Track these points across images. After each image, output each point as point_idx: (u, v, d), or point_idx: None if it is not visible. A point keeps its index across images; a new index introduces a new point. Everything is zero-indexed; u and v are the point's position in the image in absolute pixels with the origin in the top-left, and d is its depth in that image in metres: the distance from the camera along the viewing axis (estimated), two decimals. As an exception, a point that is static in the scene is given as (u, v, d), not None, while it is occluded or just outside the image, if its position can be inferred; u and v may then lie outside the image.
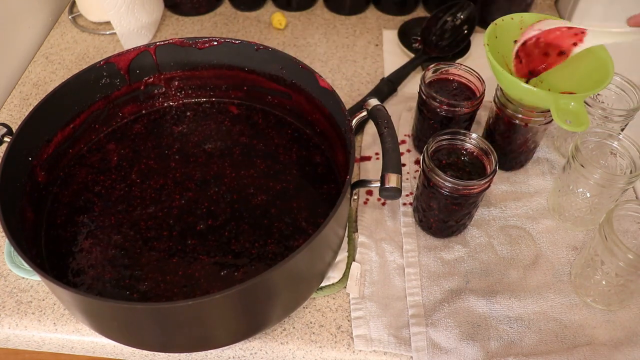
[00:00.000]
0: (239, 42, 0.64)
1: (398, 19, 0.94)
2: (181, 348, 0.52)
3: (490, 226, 0.64)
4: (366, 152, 0.72)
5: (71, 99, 0.61)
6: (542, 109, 0.61)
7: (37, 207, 0.57)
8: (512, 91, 0.61)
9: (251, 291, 0.45)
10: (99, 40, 0.90)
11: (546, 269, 0.61)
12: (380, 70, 0.85)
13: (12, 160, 0.53)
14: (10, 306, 0.58)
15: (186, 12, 0.95)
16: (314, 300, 0.59)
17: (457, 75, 0.67)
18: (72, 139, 0.63)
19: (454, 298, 0.58)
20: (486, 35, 0.61)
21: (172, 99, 0.70)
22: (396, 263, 0.61)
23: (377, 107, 0.55)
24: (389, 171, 0.50)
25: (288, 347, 0.56)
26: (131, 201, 0.61)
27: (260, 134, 0.68)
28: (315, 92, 0.62)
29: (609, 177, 0.56)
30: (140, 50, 0.64)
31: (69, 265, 0.55)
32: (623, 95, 0.65)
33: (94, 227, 0.58)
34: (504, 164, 0.69)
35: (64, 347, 0.58)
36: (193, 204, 0.60)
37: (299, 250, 0.45)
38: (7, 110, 0.79)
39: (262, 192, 0.61)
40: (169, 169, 0.64)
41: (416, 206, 0.63)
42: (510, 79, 0.57)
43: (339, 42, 0.90)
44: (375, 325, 0.56)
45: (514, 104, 0.62)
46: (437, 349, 0.54)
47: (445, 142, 0.60)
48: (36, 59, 0.87)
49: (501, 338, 0.55)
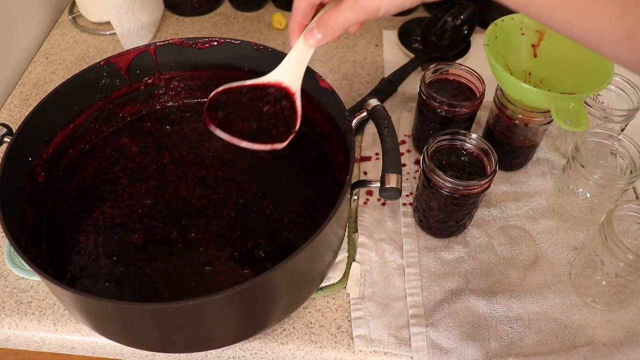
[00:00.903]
0: (239, 42, 0.64)
1: (398, 19, 0.94)
2: (181, 348, 0.52)
3: (490, 226, 0.64)
4: (366, 152, 0.72)
5: (71, 99, 0.61)
6: (542, 109, 0.61)
7: (37, 207, 0.57)
8: (512, 91, 0.61)
9: (251, 291, 0.45)
10: (99, 41, 0.90)
11: (546, 269, 0.61)
12: (380, 71, 0.85)
13: (12, 160, 0.53)
14: (10, 306, 0.58)
15: (186, 12, 0.95)
16: (314, 301, 0.59)
17: (457, 75, 0.67)
18: (72, 139, 0.63)
19: (454, 298, 0.58)
20: (486, 36, 0.61)
21: (172, 99, 0.70)
22: (396, 263, 0.61)
23: (377, 107, 0.55)
24: (389, 171, 0.50)
25: (288, 347, 0.56)
26: (131, 202, 0.61)
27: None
28: (315, 92, 0.62)
29: (609, 177, 0.56)
30: (140, 51, 0.64)
31: (69, 265, 0.55)
32: (623, 96, 0.65)
33: (94, 227, 0.58)
34: (504, 164, 0.69)
35: (64, 347, 0.58)
36: (193, 205, 0.60)
37: (299, 250, 0.45)
38: (7, 110, 0.79)
39: (262, 192, 0.61)
40: (168, 170, 0.64)
41: (416, 206, 0.63)
42: (510, 79, 0.57)
43: (339, 42, 0.90)
44: (375, 325, 0.56)
45: (514, 104, 0.62)
46: (437, 349, 0.54)
47: (445, 142, 0.60)
48: (36, 59, 0.86)
49: (501, 338, 0.55)
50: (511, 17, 0.63)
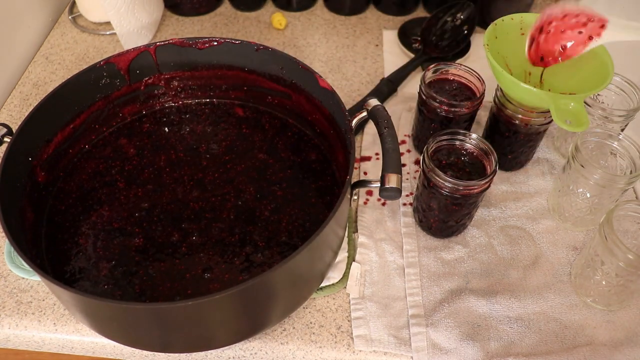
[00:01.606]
0: (239, 42, 0.64)
1: (398, 19, 0.94)
2: (181, 348, 0.52)
3: (490, 226, 0.64)
4: (366, 152, 0.72)
5: (71, 99, 0.61)
6: (542, 109, 0.61)
7: (37, 207, 0.57)
8: (512, 91, 0.61)
9: (251, 291, 0.45)
10: (99, 41, 0.90)
11: (546, 269, 0.61)
12: (380, 70, 0.85)
13: (12, 160, 0.53)
14: (10, 306, 0.58)
15: (186, 12, 0.95)
16: (314, 301, 0.59)
17: (457, 75, 0.67)
18: (72, 139, 0.63)
19: (454, 298, 0.58)
20: (486, 36, 0.61)
21: (172, 100, 0.70)
22: (396, 263, 0.61)
23: (377, 107, 0.55)
24: (389, 171, 0.50)
25: (288, 347, 0.56)
26: (131, 202, 0.61)
27: (259, 134, 0.68)
28: (315, 92, 0.62)
29: (609, 177, 0.56)
30: (140, 51, 0.64)
31: (69, 265, 0.55)
32: (623, 96, 0.65)
33: (94, 227, 0.58)
34: (504, 164, 0.69)
35: (64, 347, 0.58)
36: (193, 206, 0.60)
37: (299, 250, 0.45)
38: (7, 110, 0.79)
39: (262, 193, 0.61)
40: (168, 171, 0.64)
41: (416, 206, 0.63)
42: (510, 79, 0.57)
43: (339, 43, 0.90)
44: (375, 325, 0.56)
45: (514, 104, 0.62)
46: (437, 349, 0.54)
47: (445, 142, 0.60)
48: (36, 59, 0.87)
49: (501, 338, 0.55)
50: (511, 17, 0.63)
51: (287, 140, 0.67)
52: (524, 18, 0.63)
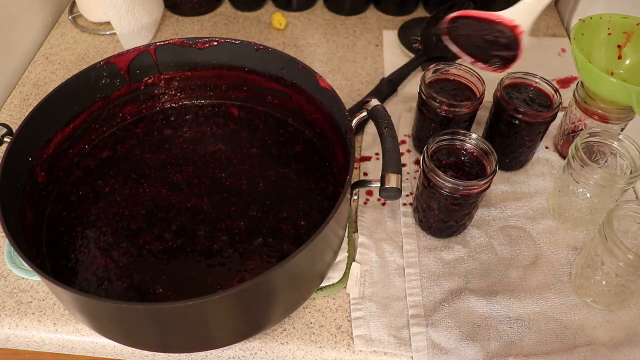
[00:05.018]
0: (239, 42, 0.64)
1: (398, 19, 0.94)
2: (181, 348, 0.52)
3: (490, 226, 0.64)
4: (366, 152, 0.72)
5: (71, 99, 0.61)
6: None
7: (37, 207, 0.57)
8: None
9: (251, 291, 0.45)
10: (99, 41, 0.90)
11: (546, 269, 0.61)
12: (380, 70, 0.85)
13: (12, 160, 0.53)
14: (10, 306, 0.58)
15: (186, 12, 0.95)
16: (314, 301, 0.59)
17: (457, 75, 0.67)
18: (72, 139, 0.63)
19: (454, 298, 0.58)
20: (573, 30, 0.63)
21: (172, 100, 0.70)
22: (396, 263, 0.61)
23: (377, 107, 0.55)
24: (389, 171, 0.50)
25: (288, 347, 0.56)
26: (131, 202, 0.61)
27: (260, 134, 0.68)
28: (315, 92, 0.62)
29: (609, 177, 0.56)
30: (140, 51, 0.64)
31: (69, 265, 0.55)
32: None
33: (94, 227, 0.58)
34: (504, 164, 0.69)
35: (64, 348, 0.58)
36: (192, 206, 0.60)
37: (299, 250, 0.45)
38: (7, 110, 0.79)
39: (262, 193, 0.61)
40: (169, 171, 0.64)
41: (416, 206, 0.63)
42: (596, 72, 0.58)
43: (339, 42, 0.90)
44: (375, 325, 0.56)
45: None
46: (437, 349, 0.54)
47: (445, 142, 0.60)
48: (36, 59, 0.87)
49: (501, 338, 0.55)
50: (600, 15, 0.64)
51: (287, 141, 0.67)
52: (613, 17, 0.64)
